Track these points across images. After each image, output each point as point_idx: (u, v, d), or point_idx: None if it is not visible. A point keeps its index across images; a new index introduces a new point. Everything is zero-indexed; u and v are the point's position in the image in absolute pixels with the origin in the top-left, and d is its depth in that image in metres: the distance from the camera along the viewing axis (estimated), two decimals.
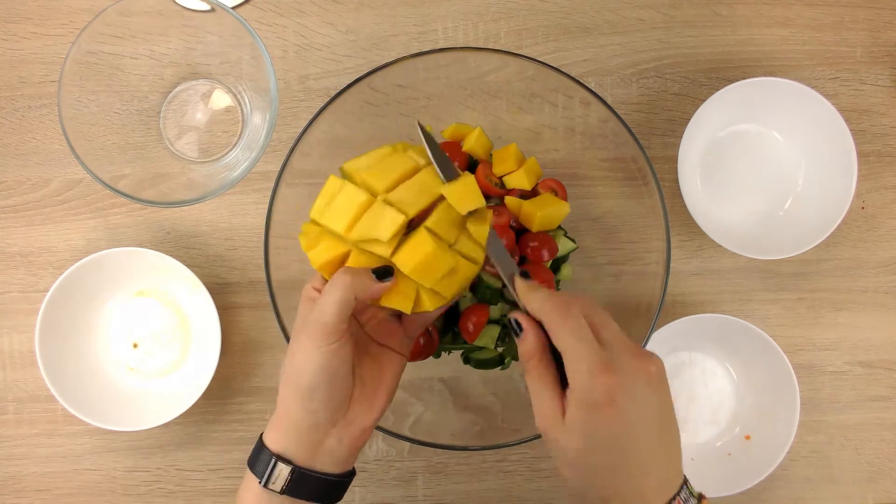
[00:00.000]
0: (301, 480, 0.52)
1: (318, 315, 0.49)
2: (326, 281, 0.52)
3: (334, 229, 0.51)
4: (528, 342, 0.50)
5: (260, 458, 0.52)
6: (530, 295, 0.51)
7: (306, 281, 0.54)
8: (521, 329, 0.50)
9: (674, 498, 0.48)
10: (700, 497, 0.49)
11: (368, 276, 0.50)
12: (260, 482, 0.51)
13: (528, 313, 0.51)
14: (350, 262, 0.51)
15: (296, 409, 0.51)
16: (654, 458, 0.48)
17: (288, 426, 0.52)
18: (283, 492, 0.51)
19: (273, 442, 0.52)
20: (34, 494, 0.78)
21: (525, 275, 0.53)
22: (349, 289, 0.49)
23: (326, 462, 0.52)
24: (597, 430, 0.47)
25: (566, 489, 0.50)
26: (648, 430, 0.48)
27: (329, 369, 0.50)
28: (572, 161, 0.73)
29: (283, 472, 0.51)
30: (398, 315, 0.57)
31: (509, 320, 0.51)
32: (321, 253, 0.52)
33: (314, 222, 0.53)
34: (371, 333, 0.57)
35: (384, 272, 0.50)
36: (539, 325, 0.50)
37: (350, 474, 0.55)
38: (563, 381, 0.49)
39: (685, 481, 0.49)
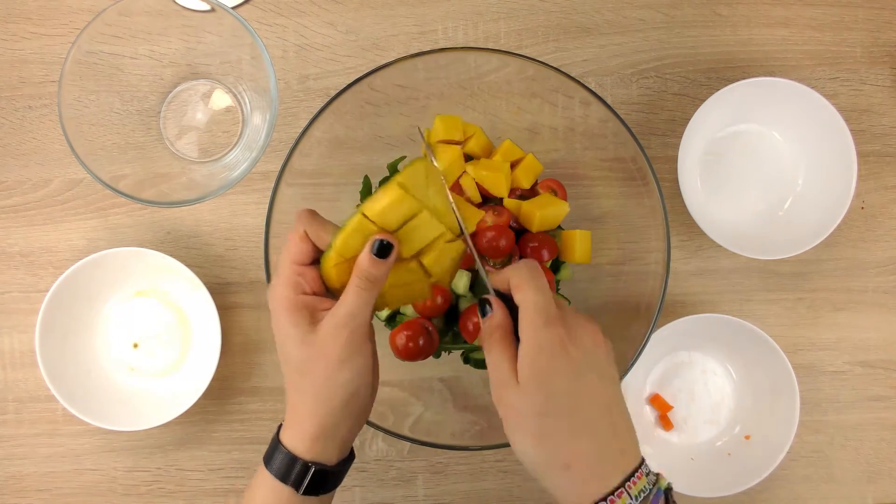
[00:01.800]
0: (321, 478, 0.51)
1: (358, 319, 0.50)
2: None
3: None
4: (496, 317, 0.51)
5: (278, 459, 0.52)
6: (494, 274, 0.53)
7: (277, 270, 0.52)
8: (490, 307, 0.52)
9: (637, 469, 0.48)
10: (658, 475, 0.50)
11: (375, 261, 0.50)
12: (287, 483, 0.51)
13: (497, 295, 0.53)
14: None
15: (329, 419, 0.51)
16: (610, 419, 0.49)
17: (316, 433, 0.51)
18: (304, 492, 0.51)
19: (297, 443, 0.51)
20: (34, 494, 0.78)
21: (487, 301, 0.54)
22: (375, 281, 0.50)
23: (336, 454, 0.52)
24: (550, 380, 0.48)
25: (528, 470, 0.50)
26: (602, 387, 0.49)
27: (366, 372, 0.51)
28: (572, 161, 0.73)
29: (306, 473, 0.51)
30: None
31: (480, 301, 0.53)
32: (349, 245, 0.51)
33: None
34: None
35: (384, 248, 0.50)
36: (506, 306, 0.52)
37: (352, 457, 0.55)
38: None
39: (643, 460, 0.50)
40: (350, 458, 0.55)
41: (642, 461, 0.49)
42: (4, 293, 0.77)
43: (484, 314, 0.52)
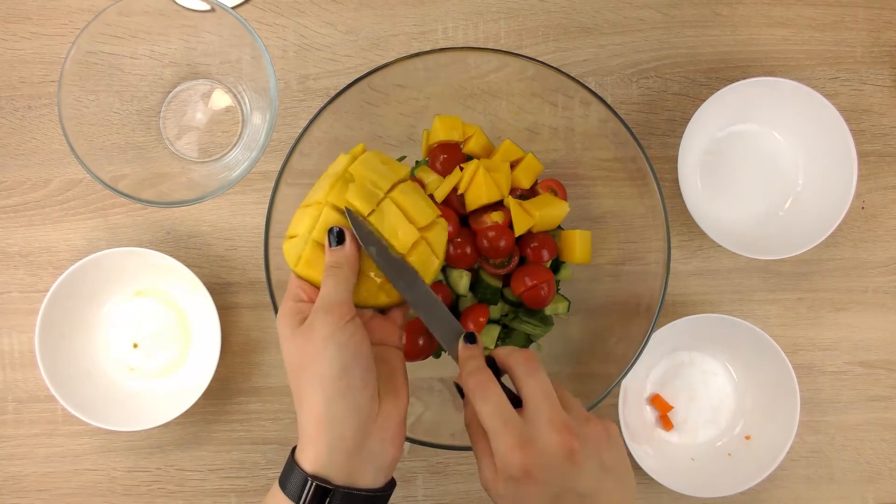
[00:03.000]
0: (345, 501, 0.48)
1: (327, 300, 0.50)
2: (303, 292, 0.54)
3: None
4: (466, 411, 0.52)
5: (293, 480, 0.48)
6: (463, 365, 0.52)
7: (281, 308, 0.54)
8: (462, 396, 0.52)
9: None
10: None
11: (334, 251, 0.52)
12: (289, 496, 0.48)
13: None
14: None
15: (334, 410, 0.48)
16: None
17: (327, 439, 0.48)
18: None
19: (309, 461, 0.48)
20: (34, 494, 0.78)
21: (470, 338, 0.53)
22: (347, 266, 0.51)
23: (369, 473, 0.49)
24: (523, 502, 0.47)
25: None
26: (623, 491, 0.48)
27: (354, 347, 0.49)
28: (572, 161, 0.73)
29: (323, 494, 0.48)
30: (381, 311, 0.57)
31: (455, 384, 0.53)
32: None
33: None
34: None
35: (339, 235, 0.52)
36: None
37: (391, 485, 0.52)
38: None
39: None
40: (392, 484, 0.52)
41: None
42: (4, 293, 0.77)
43: (461, 396, 0.53)
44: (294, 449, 0.50)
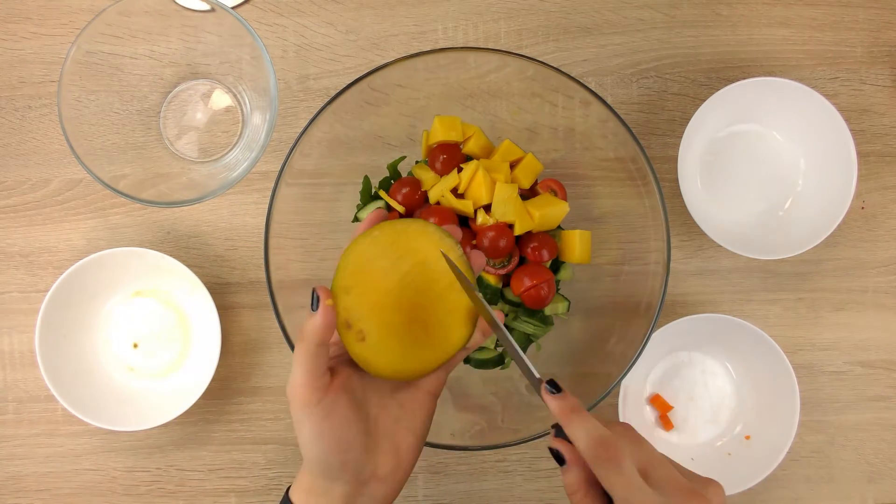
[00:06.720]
0: None
1: (292, 380, 0.47)
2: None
3: None
4: (571, 475, 0.46)
5: None
6: (570, 425, 0.46)
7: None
8: (563, 461, 0.47)
9: None
10: None
11: (309, 316, 0.47)
12: None
13: (566, 437, 0.47)
14: None
15: (318, 481, 0.48)
16: None
17: (317, 493, 0.48)
18: None
19: (301, 503, 0.49)
20: (34, 494, 0.78)
21: (553, 386, 0.48)
22: (308, 341, 0.47)
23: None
24: None
25: None
26: None
27: (328, 433, 0.47)
28: (572, 161, 0.73)
29: None
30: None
31: (550, 449, 0.48)
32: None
33: None
34: None
35: (314, 300, 0.47)
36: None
37: None
38: None
39: None
40: None
41: None
42: (4, 293, 0.77)
43: (558, 462, 0.47)
44: (289, 487, 0.51)
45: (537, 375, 0.48)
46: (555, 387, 0.47)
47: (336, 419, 0.47)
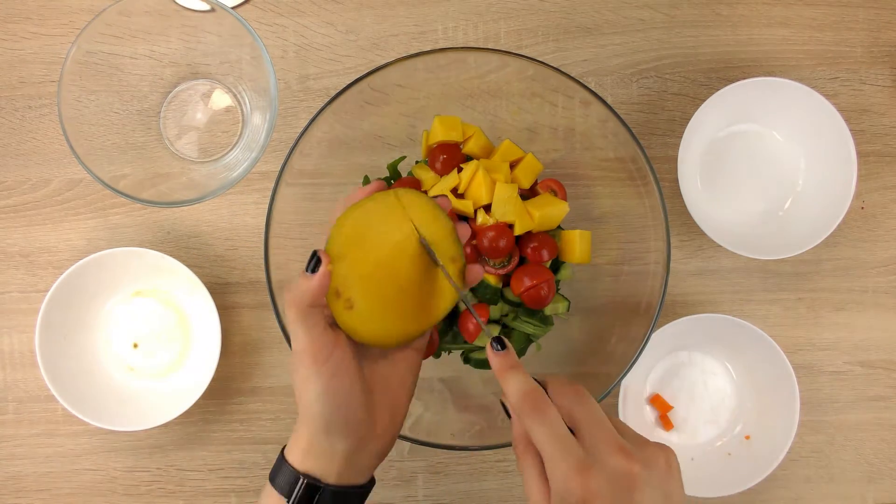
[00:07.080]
0: (331, 498, 0.50)
1: (295, 345, 0.48)
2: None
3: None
4: (514, 428, 0.48)
5: (284, 476, 0.50)
6: (505, 381, 0.48)
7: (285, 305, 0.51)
8: (508, 415, 0.49)
9: None
10: None
11: (303, 277, 0.49)
12: (288, 501, 0.49)
13: None
14: None
15: (319, 439, 0.50)
16: None
17: (317, 451, 0.50)
18: None
19: (299, 462, 0.50)
20: (34, 494, 0.78)
21: (499, 343, 0.50)
22: (298, 302, 0.48)
23: (352, 475, 0.51)
24: None
25: None
26: None
27: (334, 391, 0.48)
28: (572, 161, 0.73)
29: (312, 492, 0.49)
30: None
31: (501, 402, 0.50)
32: None
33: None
34: None
35: (313, 262, 0.49)
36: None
37: (371, 482, 0.53)
38: None
39: None
40: (372, 481, 0.53)
41: None
42: (4, 293, 0.77)
43: (507, 415, 0.49)
44: (284, 448, 0.52)
45: (491, 335, 0.50)
46: (500, 343, 0.50)
47: (344, 377, 0.49)
